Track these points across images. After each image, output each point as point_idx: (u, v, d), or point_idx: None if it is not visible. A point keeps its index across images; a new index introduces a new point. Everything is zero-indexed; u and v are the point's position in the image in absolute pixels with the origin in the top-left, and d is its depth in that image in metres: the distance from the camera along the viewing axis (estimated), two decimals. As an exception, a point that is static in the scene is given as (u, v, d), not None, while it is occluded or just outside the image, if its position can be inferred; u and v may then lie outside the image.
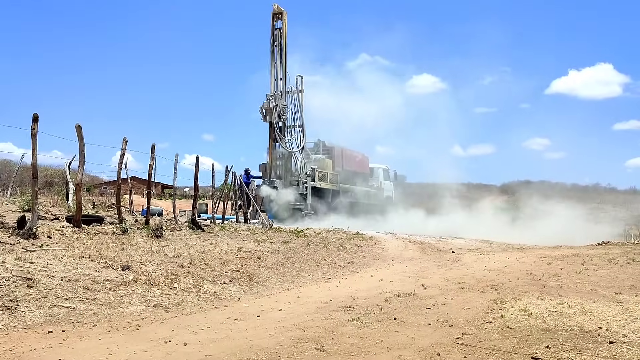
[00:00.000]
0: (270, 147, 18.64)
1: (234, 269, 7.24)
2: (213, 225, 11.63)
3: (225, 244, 8.88)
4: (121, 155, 9.30)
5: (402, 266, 9.14)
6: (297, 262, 8.63)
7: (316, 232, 12.59)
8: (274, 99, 18.39)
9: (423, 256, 10.79)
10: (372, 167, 23.61)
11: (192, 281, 6.26)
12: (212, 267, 7.09)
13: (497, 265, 9.17)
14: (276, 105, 18.31)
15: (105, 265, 6.12)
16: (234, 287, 6.44)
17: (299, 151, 18.97)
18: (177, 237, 8.93)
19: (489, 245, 14.00)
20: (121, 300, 5.21)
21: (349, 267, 9.02)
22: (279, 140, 18.52)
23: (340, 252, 10.28)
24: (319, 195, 18.88)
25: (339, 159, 20.73)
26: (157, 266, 6.56)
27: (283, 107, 18.59)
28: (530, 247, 13.79)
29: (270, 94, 18.53)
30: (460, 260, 9.94)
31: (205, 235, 9.72)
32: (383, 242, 12.24)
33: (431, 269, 8.70)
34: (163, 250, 7.47)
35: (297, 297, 6.16)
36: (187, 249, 7.85)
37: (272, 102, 18.32)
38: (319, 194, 18.90)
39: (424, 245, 12.42)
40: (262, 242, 9.74)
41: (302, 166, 18.93)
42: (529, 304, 5.51)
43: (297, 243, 10.29)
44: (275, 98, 18.41)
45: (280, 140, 18.52)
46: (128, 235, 8.23)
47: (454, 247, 12.49)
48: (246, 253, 8.38)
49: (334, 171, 20.10)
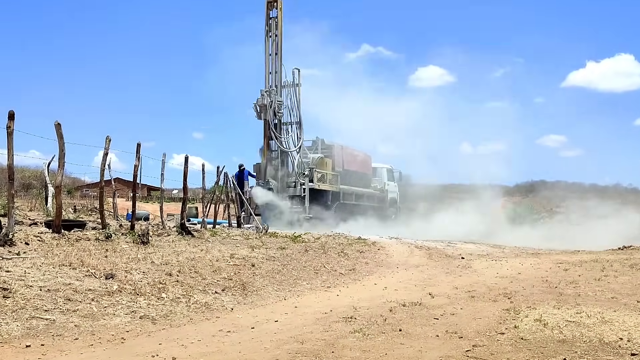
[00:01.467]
0: (265, 146, 18.64)
1: (226, 277, 7.24)
2: (204, 230, 11.63)
3: (216, 251, 8.87)
4: (104, 155, 9.30)
5: (408, 273, 9.15)
6: (294, 270, 8.62)
7: (315, 237, 12.59)
8: (269, 95, 18.39)
9: (430, 262, 10.80)
10: (375, 167, 23.62)
11: (181, 290, 6.25)
12: (202, 275, 7.09)
13: (510, 272, 9.18)
14: (271, 101, 18.32)
15: (88, 274, 6.11)
16: (226, 297, 6.43)
17: (296, 150, 18.98)
18: (165, 243, 8.92)
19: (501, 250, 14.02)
20: (105, 312, 5.20)
21: (350, 274, 9.02)
22: (275, 139, 18.52)
23: (341, 258, 10.28)
24: (317, 197, 18.88)
25: (339, 158, 20.73)
26: (144, 274, 6.55)
27: (279, 104, 18.59)
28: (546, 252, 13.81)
29: (265, 90, 18.52)
30: (470, 267, 9.96)
31: (195, 241, 9.71)
32: (387, 248, 12.25)
33: (439, 276, 8.71)
34: (150, 257, 7.46)
35: (294, 308, 6.16)
36: (175, 256, 7.84)
37: (266, 98, 18.33)
38: (317, 196, 18.90)
39: (431, 251, 12.43)
40: (257, 248, 9.74)
41: (300, 166, 18.93)
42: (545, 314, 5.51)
43: (294, 249, 10.29)
44: (270, 94, 18.41)
45: (276, 138, 18.52)
46: (112, 241, 8.22)
47: (463, 253, 12.51)
48: (239, 260, 8.37)
49: (334, 171, 20.10)
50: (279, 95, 18.71)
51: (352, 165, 21.50)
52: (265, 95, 18.38)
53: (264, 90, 18.52)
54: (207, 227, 12.85)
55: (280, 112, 18.68)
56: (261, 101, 18.42)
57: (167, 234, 10.10)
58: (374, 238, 13.74)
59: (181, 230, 10.37)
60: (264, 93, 18.42)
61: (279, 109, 18.64)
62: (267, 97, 18.35)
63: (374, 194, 22.77)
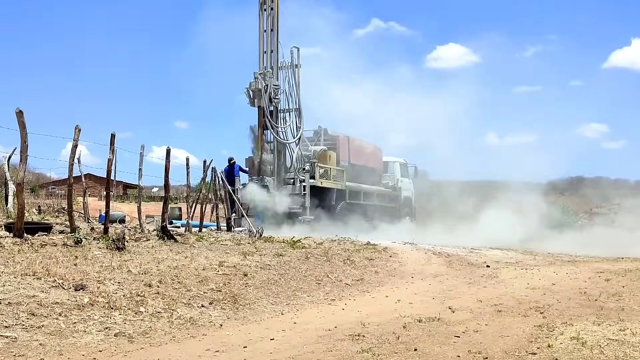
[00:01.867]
0: (259, 137, 18.63)
1: (214, 289, 7.26)
2: (188, 234, 11.64)
3: (203, 258, 8.90)
4: (73, 147, 9.31)
5: (425, 284, 9.17)
6: (293, 280, 8.65)
7: (317, 242, 12.62)
8: (264, 78, 18.38)
9: (450, 271, 10.81)
10: (387, 161, 23.61)
11: (162, 304, 6.27)
12: (187, 286, 7.11)
13: (543, 282, 9.19)
14: (266, 85, 18.31)
15: (54, 285, 6.13)
16: (214, 311, 6.45)
17: (294, 142, 18.98)
18: (144, 249, 8.95)
19: (532, 257, 14.02)
20: (74, 328, 5.23)
21: (357, 285, 9.05)
22: (270, 129, 18.53)
23: (347, 267, 10.31)
24: (320, 196, 18.89)
25: (345, 151, 20.73)
26: (119, 285, 6.58)
27: (275, 88, 18.58)
28: (584, 259, 13.81)
29: (259, 72, 18.52)
30: (496, 277, 9.98)
31: (178, 247, 9.73)
32: (400, 255, 12.27)
33: (460, 288, 8.74)
34: (126, 265, 7.49)
35: (293, 324, 6.18)
36: (156, 264, 7.86)
37: (261, 82, 18.31)
38: (320, 194, 18.91)
39: (452, 258, 12.45)
40: (250, 254, 9.76)
41: (299, 160, 18.92)
42: (583, 331, 5.52)
43: (293, 256, 10.32)
44: (265, 77, 18.40)
45: (272, 128, 18.53)
46: (82, 247, 8.23)
47: (488, 260, 12.53)
48: (230, 269, 8.39)
49: (339, 166, 20.11)
50: (275, 78, 18.69)
51: (360, 158, 21.50)
52: (259, 78, 18.36)
53: (257, 73, 18.51)
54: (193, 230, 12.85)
55: (276, 98, 18.67)
56: (254, 85, 18.39)
57: (146, 238, 10.11)
58: (385, 243, 13.75)
59: (162, 234, 10.38)
60: (258, 76, 18.41)
61: (275, 94, 18.63)
62: (261, 80, 18.33)
63: (385, 193, 22.77)
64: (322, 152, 19.48)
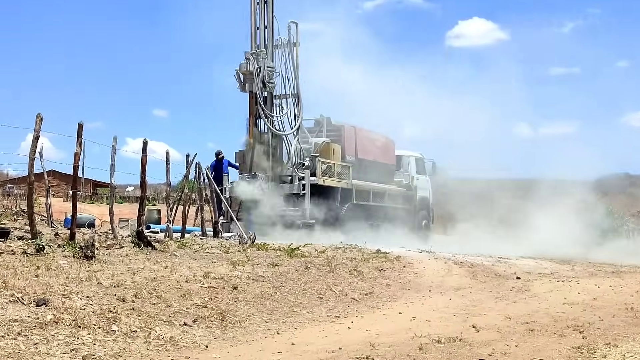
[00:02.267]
0: (250, 128, 18.63)
1: (199, 304, 7.26)
2: (168, 241, 11.64)
3: (186, 268, 8.90)
4: (34, 139, 9.29)
5: (444, 299, 9.18)
6: (290, 294, 8.64)
7: (319, 250, 12.62)
8: (256, 59, 18.35)
9: (474, 284, 10.82)
10: (400, 156, 23.56)
11: (138, 321, 6.27)
12: (167, 301, 7.10)
13: (583, 296, 9.19)
14: (259, 67, 18.27)
15: (12, 300, 6.13)
16: (199, 330, 6.45)
17: (292, 133, 18.96)
18: (117, 259, 8.95)
19: (570, 267, 14.02)
20: (35, 350, 5.22)
21: (366, 300, 9.05)
22: (264, 118, 18.51)
23: (353, 278, 10.31)
24: (322, 196, 18.88)
25: (352, 143, 20.69)
26: (88, 300, 6.57)
27: (269, 70, 18.55)
28: (631, 269, 13.79)
29: (251, 52, 18.48)
30: (528, 290, 10.00)
31: (157, 256, 9.72)
32: (416, 265, 12.27)
33: (486, 303, 8.75)
34: (96, 276, 7.49)
35: (290, 345, 6.17)
36: (130, 276, 7.86)
37: (253, 63, 18.26)
38: (322, 194, 18.90)
39: (476, 269, 12.47)
40: (240, 264, 9.77)
41: (298, 155, 18.91)
42: (630, 353, 5.50)
43: (290, 266, 10.32)
44: (257, 57, 18.37)
45: (266, 117, 18.52)
46: (45, 255, 8.22)
47: (519, 271, 12.55)
48: (217, 281, 8.39)
49: (344, 161, 20.08)
50: (269, 58, 18.66)
51: (369, 153, 21.46)
52: (250, 58, 18.32)
53: (249, 53, 18.47)
54: (174, 236, 12.84)
55: (271, 82, 18.64)
56: (245, 67, 18.36)
57: (119, 245, 10.11)
58: (398, 251, 13.76)
59: (138, 240, 10.38)
60: (250, 56, 18.37)
61: (270, 77, 18.59)
62: (253, 61, 18.29)
63: (398, 192, 22.75)
64: (325, 145, 19.44)
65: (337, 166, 19.61)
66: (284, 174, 18.83)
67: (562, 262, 14.96)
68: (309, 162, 18.67)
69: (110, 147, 11.11)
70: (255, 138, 18.61)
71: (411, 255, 13.55)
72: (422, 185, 24.12)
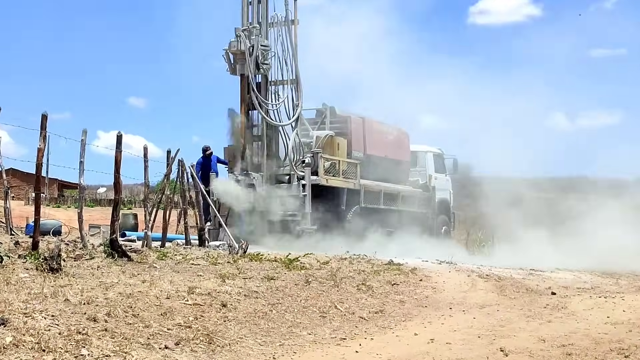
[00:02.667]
0: (242, 118, 18.62)
1: (182, 324, 7.24)
2: (147, 251, 11.64)
3: (167, 282, 8.89)
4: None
5: (467, 318, 9.16)
6: (289, 312, 8.63)
7: (321, 261, 12.61)
8: (248, 37, 18.33)
9: (502, 300, 10.81)
10: (416, 151, 23.56)
11: (111, 345, 6.26)
12: (145, 320, 7.09)
13: (629, 315, 9.16)
14: (251, 46, 18.26)
15: (-34, 319, 6.12)
16: (182, 355, 6.44)
17: (290, 124, 18.94)
18: (87, 271, 8.94)
19: (614, 281, 13.97)
20: (-7, 378, 5.22)
21: (376, 319, 9.03)
22: (257, 107, 18.49)
23: (361, 294, 10.30)
24: (325, 198, 18.88)
25: (359, 137, 20.67)
26: (53, 320, 6.56)
27: (263, 50, 18.52)
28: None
29: (242, 28, 18.46)
30: (565, 308, 9.98)
31: (133, 268, 9.71)
32: (434, 278, 12.26)
33: (516, 322, 8.72)
34: (63, 292, 7.47)
35: (289, 371, 6.16)
36: (103, 291, 7.85)
37: (244, 42, 18.25)
38: (325, 196, 18.90)
39: (504, 283, 12.45)
40: (230, 278, 9.76)
41: (297, 150, 18.90)
42: (683, 381, 5.48)
43: (288, 280, 10.30)
44: (250, 35, 18.35)
45: (260, 105, 18.50)
46: (3, 267, 8.21)
47: (554, 286, 12.54)
48: (203, 297, 8.38)
49: (351, 158, 20.06)
50: (264, 36, 18.64)
51: (380, 148, 21.44)
52: (242, 36, 18.30)
53: (240, 29, 18.43)
54: (153, 245, 12.84)
55: (266, 63, 18.58)
56: (236, 45, 18.33)
57: (89, 256, 10.10)
58: (414, 262, 13.73)
59: (111, 250, 10.37)
60: (241, 33, 18.34)
61: (265, 58, 18.55)
62: (245, 39, 18.27)
63: (413, 194, 22.74)
64: (328, 139, 19.42)
65: (342, 163, 19.59)
66: (280, 173, 18.80)
67: (604, 275, 14.92)
68: (309, 158, 18.65)
69: (79, 142, 11.10)
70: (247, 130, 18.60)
71: (429, 267, 13.52)
72: (441, 185, 24.11)
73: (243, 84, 18.45)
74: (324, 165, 18.84)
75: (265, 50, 18.53)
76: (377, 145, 21.30)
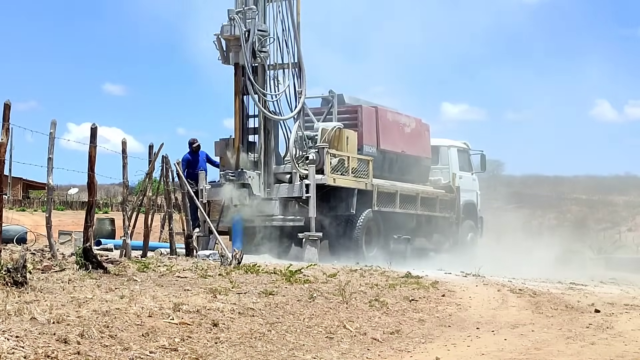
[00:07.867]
0: (237, 110, 18.64)
1: (167, 347, 7.21)
2: (126, 261, 11.64)
3: (149, 298, 8.87)
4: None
5: (498, 339, 9.14)
6: (290, 333, 8.61)
7: (327, 273, 12.64)
8: (243, 20, 18.32)
9: (538, 319, 10.80)
10: (438, 146, 23.64)
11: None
12: (124, 342, 7.06)
13: (686, 336, 9.10)
14: (247, 30, 18.25)
15: None
16: (166, 383, 6.40)
17: (292, 116, 18.97)
18: (56, 285, 8.92)
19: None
20: (-57, 411, 5.17)
21: (392, 341, 9.00)
22: (255, 100, 18.48)
23: (374, 312, 10.30)
24: (332, 200, 18.94)
25: (372, 129, 20.71)
26: (18, 341, 6.53)
27: (261, 35, 18.54)
28: None
29: (236, 10, 18.44)
30: (611, 327, 9.97)
31: (110, 281, 9.70)
32: (459, 293, 12.31)
33: (554, 345, 8.70)
34: (29, 309, 7.44)
35: (290, 403, 6.11)
36: (75, 308, 7.83)
37: (238, 26, 18.25)
38: (332, 198, 18.96)
39: (540, 298, 12.48)
40: (223, 293, 9.75)
41: (299, 145, 18.93)
42: None
43: (290, 295, 10.31)
44: (245, 17, 18.33)
45: (257, 95, 18.49)
46: (-41, 281, 8.19)
47: (598, 302, 12.53)
48: (191, 315, 8.35)
49: (362, 154, 20.09)
50: (261, 19, 18.69)
51: (396, 142, 21.48)
52: (236, 19, 18.31)
53: (233, 12, 18.45)
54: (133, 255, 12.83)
55: (264, 50, 18.66)
56: (229, 31, 18.37)
57: (59, 267, 10.10)
58: (435, 275, 13.79)
59: (85, 261, 10.36)
60: (235, 16, 18.36)
61: (262, 44, 18.60)
62: (239, 22, 18.28)
63: (434, 195, 22.77)
64: (336, 132, 19.40)
65: (352, 160, 19.56)
66: (280, 171, 18.84)
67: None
68: (314, 154, 18.66)
69: (47, 136, 11.13)
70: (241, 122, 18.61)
71: (452, 280, 13.55)
72: (467, 185, 24.14)
73: (238, 72, 18.42)
74: (330, 162, 18.80)
75: (262, 34, 18.54)
76: (393, 138, 21.34)
